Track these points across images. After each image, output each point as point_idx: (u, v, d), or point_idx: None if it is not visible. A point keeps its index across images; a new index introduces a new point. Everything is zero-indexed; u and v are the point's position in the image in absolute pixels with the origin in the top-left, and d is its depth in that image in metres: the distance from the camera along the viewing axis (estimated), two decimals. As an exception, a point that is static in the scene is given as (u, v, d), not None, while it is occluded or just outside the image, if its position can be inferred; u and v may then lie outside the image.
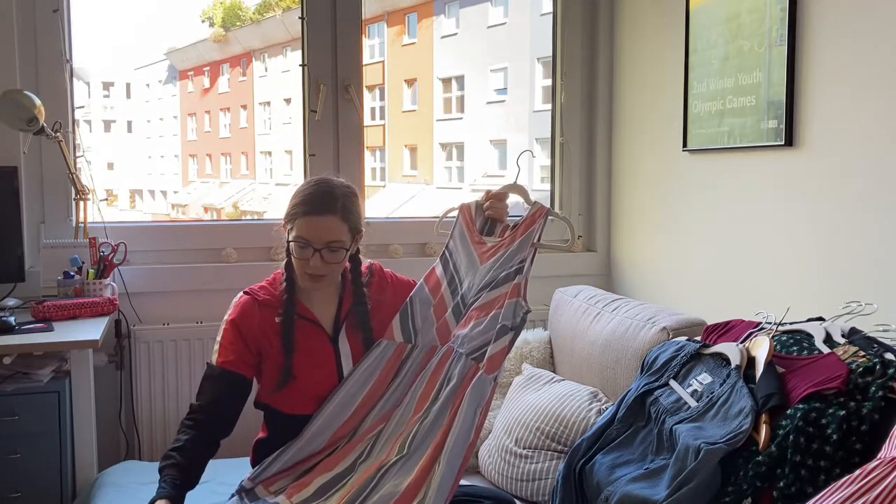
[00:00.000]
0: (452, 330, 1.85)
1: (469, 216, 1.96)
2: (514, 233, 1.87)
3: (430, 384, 1.79)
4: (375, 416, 1.80)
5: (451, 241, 1.96)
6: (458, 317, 1.85)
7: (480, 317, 1.79)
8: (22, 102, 2.40)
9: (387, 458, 1.70)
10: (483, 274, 1.85)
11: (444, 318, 1.87)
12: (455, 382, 1.73)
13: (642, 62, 2.95)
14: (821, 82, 2.14)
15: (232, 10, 12.23)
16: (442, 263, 1.94)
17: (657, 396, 1.77)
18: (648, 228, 2.95)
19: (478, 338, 1.77)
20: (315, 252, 1.76)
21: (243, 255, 2.83)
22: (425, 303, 1.90)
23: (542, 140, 3.76)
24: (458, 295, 1.88)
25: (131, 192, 14.26)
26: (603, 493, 1.66)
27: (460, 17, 11.01)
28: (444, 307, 1.88)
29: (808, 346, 1.68)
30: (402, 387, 1.82)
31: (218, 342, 1.82)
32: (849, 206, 2.06)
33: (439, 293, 1.90)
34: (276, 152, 12.24)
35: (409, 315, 1.89)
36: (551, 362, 2.69)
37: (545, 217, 1.86)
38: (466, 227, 1.95)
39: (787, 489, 1.42)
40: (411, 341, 1.87)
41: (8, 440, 2.22)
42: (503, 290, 1.79)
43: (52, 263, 2.51)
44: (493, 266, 1.84)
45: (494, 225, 1.93)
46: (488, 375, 1.71)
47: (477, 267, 1.88)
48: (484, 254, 1.88)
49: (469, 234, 1.94)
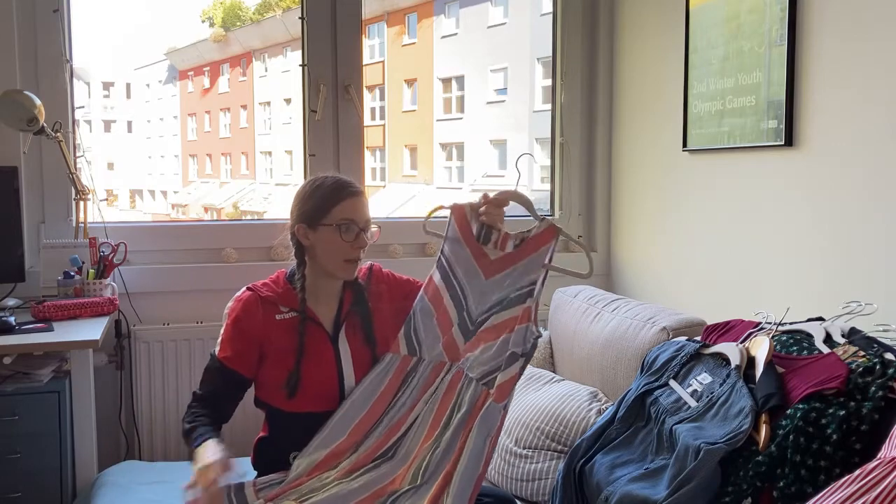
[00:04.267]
0: (460, 347, 1.79)
1: (464, 220, 1.85)
2: (522, 249, 1.79)
3: (441, 407, 1.75)
4: (381, 431, 1.77)
5: (445, 246, 1.86)
6: (466, 334, 1.80)
7: (490, 340, 1.75)
8: (22, 102, 2.40)
9: (399, 484, 1.67)
10: (490, 291, 1.80)
11: (451, 334, 1.82)
12: (466, 410, 1.70)
13: (642, 62, 2.95)
14: (821, 82, 2.14)
15: (232, 10, 12.24)
16: (440, 271, 1.86)
17: (657, 396, 1.77)
18: (648, 228, 2.95)
19: (488, 363, 1.73)
20: (359, 232, 1.81)
21: (243, 255, 2.83)
22: (427, 314, 1.85)
23: (542, 140, 3.76)
24: (464, 310, 1.82)
25: (131, 192, 14.27)
26: (603, 493, 1.66)
27: (460, 17, 11.02)
28: (449, 321, 1.82)
29: (808, 346, 1.68)
30: (408, 401, 1.79)
31: (221, 334, 1.86)
32: (848, 205, 2.06)
33: (441, 304, 1.84)
34: (276, 152, 12.25)
35: (411, 327, 1.85)
36: (551, 362, 2.69)
37: (556, 238, 1.78)
38: (462, 232, 1.85)
39: (787, 489, 1.42)
40: (416, 354, 1.83)
41: (8, 440, 2.22)
42: (513, 314, 1.75)
43: (52, 263, 2.51)
44: (502, 284, 1.79)
45: (490, 232, 1.82)
46: (498, 404, 1.68)
47: (481, 280, 1.81)
48: (488, 268, 1.81)
49: (466, 241, 1.84)
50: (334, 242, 1.81)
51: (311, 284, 1.88)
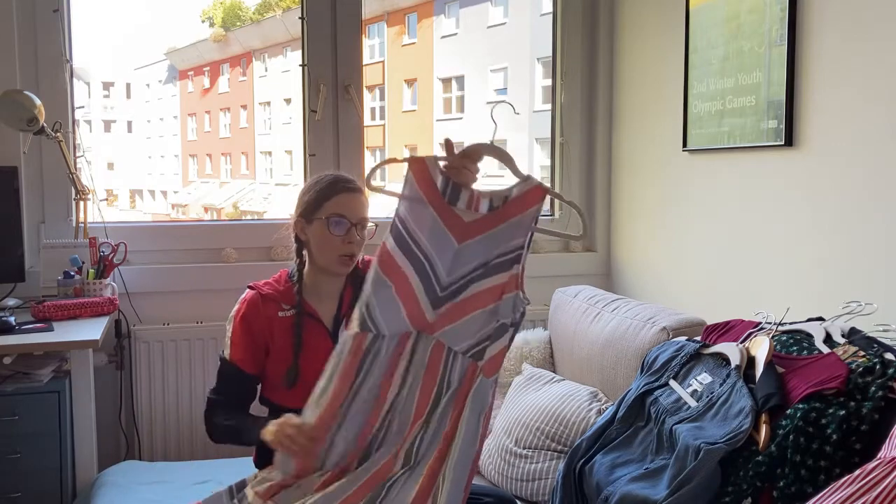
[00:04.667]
0: (428, 317, 1.60)
1: (426, 176, 1.58)
2: (503, 211, 1.57)
3: (427, 384, 1.63)
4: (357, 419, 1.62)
5: (401, 207, 1.59)
6: (436, 303, 1.60)
7: (474, 310, 1.61)
8: (22, 102, 2.40)
9: (392, 467, 1.61)
10: (466, 256, 1.59)
11: (416, 303, 1.60)
12: (455, 386, 1.62)
13: (642, 62, 2.95)
14: (821, 82, 2.14)
15: (232, 10, 12.24)
16: (394, 237, 1.59)
17: (657, 396, 1.77)
18: (648, 228, 2.95)
19: (474, 335, 1.61)
20: (351, 228, 1.82)
21: (243, 255, 2.83)
22: (381, 285, 1.59)
23: (542, 140, 3.76)
24: (431, 277, 1.60)
25: (131, 192, 14.26)
26: (603, 493, 1.66)
27: (460, 17, 11.03)
28: (411, 290, 1.60)
29: (808, 346, 1.68)
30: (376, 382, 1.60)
31: (228, 337, 1.88)
32: (848, 205, 2.06)
33: (400, 273, 1.60)
34: (276, 152, 12.25)
35: (364, 302, 1.61)
36: (551, 362, 2.69)
37: (543, 199, 1.59)
38: (424, 190, 1.58)
39: (786, 489, 1.42)
40: (370, 330, 1.59)
41: (8, 440, 2.22)
42: (498, 282, 1.58)
43: (52, 263, 2.51)
44: (480, 248, 1.59)
45: (458, 190, 1.57)
46: (489, 378, 1.62)
47: (452, 245, 1.58)
48: (461, 230, 1.58)
49: (430, 200, 1.58)
50: (325, 237, 1.83)
51: (311, 282, 1.90)
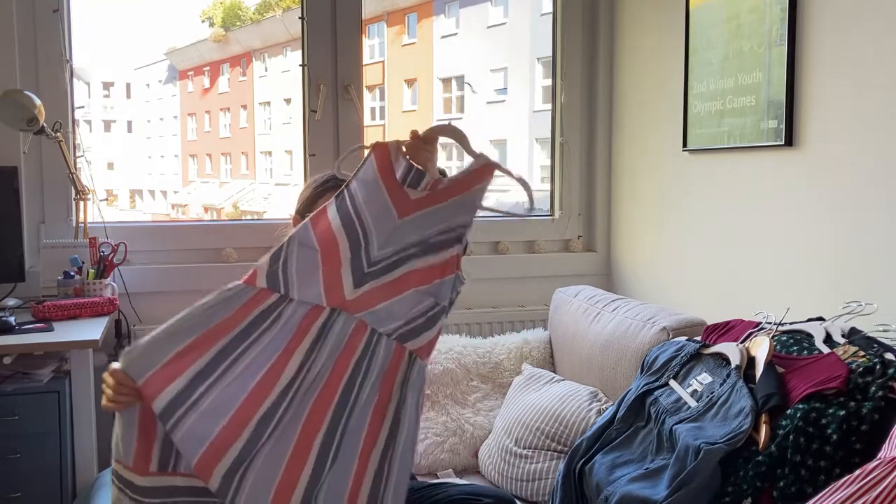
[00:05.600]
0: (346, 293, 1.50)
1: (386, 160, 1.54)
2: (451, 187, 1.52)
3: (340, 366, 1.49)
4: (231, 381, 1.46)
5: (354, 183, 1.54)
6: (361, 281, 1.50)
7: (406, 290, 1.50)
8: (22, 102, 2.40)
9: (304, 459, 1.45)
10: (402, 232, 1.51)
11: (337, 275, 1.50)
12: (378, 371, 1.50)
13: (642, 62, 2.95)
14: (821, 82, 2.14)
15: (232, 10, 12.23)
16: (338, 206, 1.53)
17: (657, 396, 1.77)
18: (648, 228, 2.95)
19: (403, 316, 1.50)
20: None
21: (243, 255, 2.83)
22: (308, 247, 1.51)
23: (542, 140, 3.76)
24: (361, 250, 1.51)
25: (131, 192, 14.25)
26: (603, 493, 1.66)
27: (460, 17, 11.02)
28: (338, 260, 1.50)
29: (808, 346, 1.68)
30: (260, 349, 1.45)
31: None
32: (848, 205, 2.06)
33: (332, 240, 1.51)
34: (276, 152, 12.24)
35: (281, 258, 1.50)
36: (551, 362, 2.69)
37: (490, 177, 1.53)
38: (381, 172, 1.54)
39: (787, 489, 1.42)
40: (279, 290, 1.48)
41: (8, 440, 2.22)
42: (435, 261, 1.51)
43: (52, 263, 2.51)
44: (419, 225, 1.52)
45: (420, 176, 1.52)
46: (424, 362, 1.52)
47: (394, 221, 1.51)
48: (403, 206, 1.52)
49: (384, 180, 1.53)
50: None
51: None
